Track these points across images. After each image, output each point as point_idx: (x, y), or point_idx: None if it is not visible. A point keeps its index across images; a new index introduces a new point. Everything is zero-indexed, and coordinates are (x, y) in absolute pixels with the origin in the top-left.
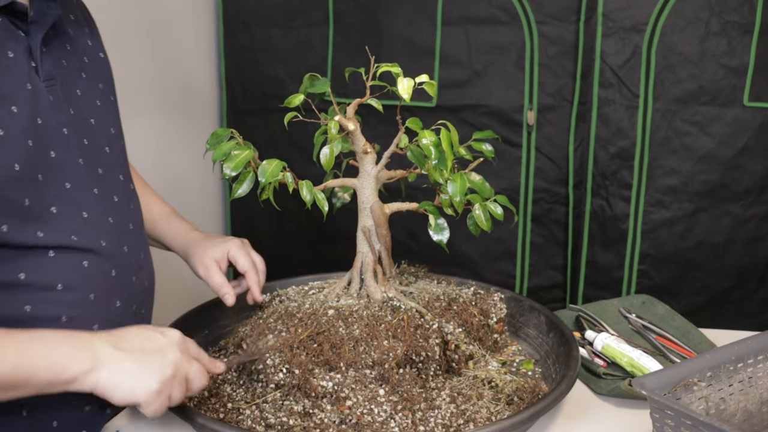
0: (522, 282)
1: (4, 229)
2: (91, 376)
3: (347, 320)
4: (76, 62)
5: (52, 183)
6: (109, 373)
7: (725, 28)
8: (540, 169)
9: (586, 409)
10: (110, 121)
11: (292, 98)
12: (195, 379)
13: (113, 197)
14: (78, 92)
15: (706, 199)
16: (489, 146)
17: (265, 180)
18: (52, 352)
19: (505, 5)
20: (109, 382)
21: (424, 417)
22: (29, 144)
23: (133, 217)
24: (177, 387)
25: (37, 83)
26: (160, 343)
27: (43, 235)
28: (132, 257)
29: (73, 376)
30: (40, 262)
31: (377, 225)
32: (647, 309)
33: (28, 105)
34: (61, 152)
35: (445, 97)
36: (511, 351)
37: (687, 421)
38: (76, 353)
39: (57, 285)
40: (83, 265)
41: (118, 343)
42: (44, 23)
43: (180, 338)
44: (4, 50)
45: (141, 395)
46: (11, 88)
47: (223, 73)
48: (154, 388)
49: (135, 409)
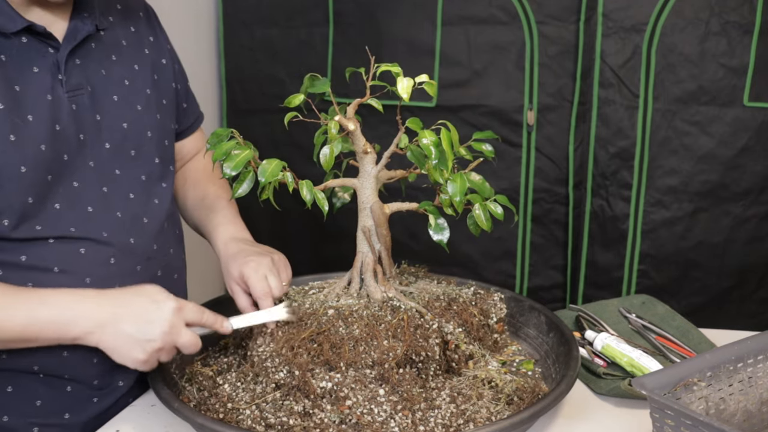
0: (522, 282)
1: (5, 224)
2: (93, 336)
3: (347, 320)
4: (120, 71)
5: (61, 183)
6: (107, 337)
7: (725, 28)
8: (540, 169)
9: (586, 409)
10: (149, 125)
11: (293, 98)
12: (187, 345)
13: (129, 194)
14: (115, 98)
15: (706, 199)
16: (489, 146)
17: (265, 180)
18: (60, 314)
19: (505, 5)
20: (108, 346)
21: (424, 417)
22: (41, 149)
23: (151, 212)
24: (165, 353)
25: (59, 94)
26: (152, 315)
27: (41, 229)
28: (139, 248)
29: (76, 335)
30: (40, 247)
31: (377, 225)
32: (647, 309)
33: (47, 114)
34: (74, 155)
35: (445, 97)
36: (511, 351)
37: (687, 420)
38: (80, 316)
39: (54, 268)
40: (80, 252)
41: (117, 311)
42: (74, 39)
43: (173, 311)
44: (30, 66)
45: (130, 363)
46: (31, 100)
47: (223, 73)
48: (140, 358)
49: (135, 409)
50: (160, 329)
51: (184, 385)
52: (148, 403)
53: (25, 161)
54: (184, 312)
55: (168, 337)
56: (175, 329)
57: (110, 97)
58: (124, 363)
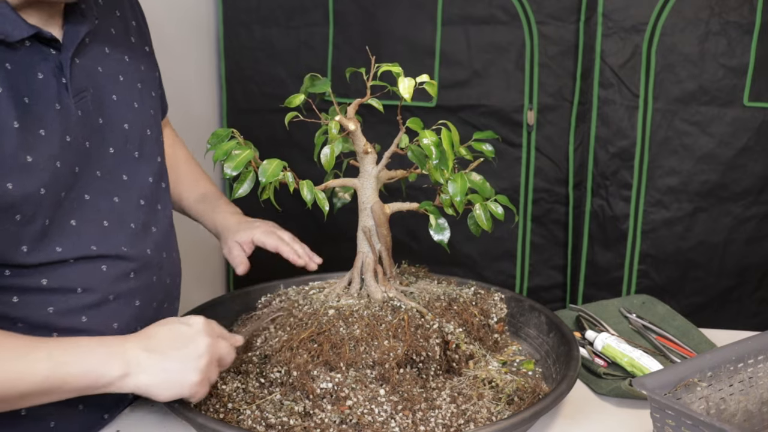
0: (522, 282)
1: (24, 250)
2: (129, 381)
3: (347, 320)
4: (115, 65)
5: (74, 198)
6: (148, 376)
7: (725, 28)
8: (540, 169)
9: (586, 409)
10: (147, 122)
11: (293, 98)
12: (226, 356)
13: (139, 201)
14: (114, 98)
15: (706, 199)
16: (489, 146)
17: (265, 180)
18: (84, 361)
19: (505, 5)
20: (151, 384)
21: (425, 417)
22: (57, 165)
23: (158, 219)
24: (213, 370)
25: (66, 101)
26: (188, 334)
27: (61, 250)
28: (154, 259)
29: (107, 382)
30: (61, 269)
31: (378, 225)
32: (647, 309)
33: (58, 125)
34: (83, 167)
35: (445, 97)
36: (512, 351)
37: (687, 420)
38: (108, 360)
39: (77, 289)
40: (102, 269)
41: (148, 344)
42: (76, 35)
43: (204, 323)
44: (33, 72)
45: (187, 390)
46: (41, 112)
47: (223, 73)
48: (195, 380)
49: (135, 409)
50: (204, 343)
51: None
52: (148, 403)
53: (44, 182)
54: (212, 324)
55: (212, 349)
56: (214, 338)
57: (110, 97)
58: (178, 394)
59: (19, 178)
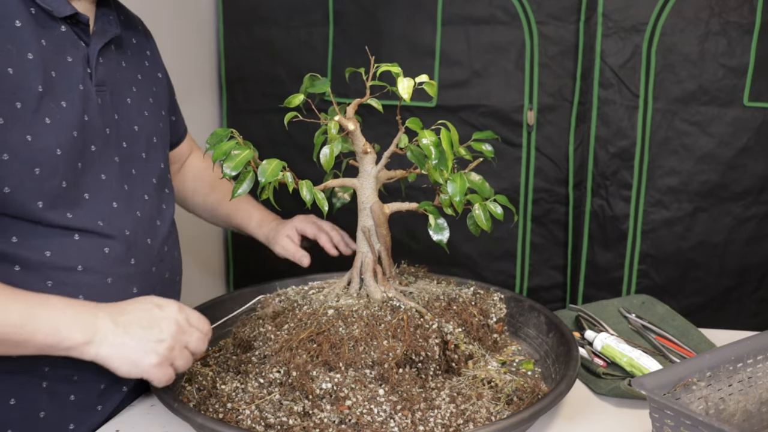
0: (522, 282)
1: (39, 206)
2: (91, 348)
3: (347, 320)
4: (129, 77)
5: (90, 173)
6: (108, 348)
7: (725, 28)
8: (540, 169)
9: (585, 409)
10: (154, 131)
11: (292, 98)
12: (195, 346)
13: (144, 195)
14: (128, 101)
15: (706, 199)
16: (489, 146)
17: (265, 180)
18: (54, 319)
19: (505, 5)
20: (110, 356)
21: (424, 417)
22: (74, 135)
23: (162, 215)
24: (178, 356)
25: (89, 86)
26: (157, 316)
27: (72, 217)
28: (154, 250)
29: (70, 345)
30: (65, 243)
31: (377, 225)
32: (647, 309)
33: (78, 103)
34: (101, 148)
35: (445, 97)
36: (511, 351)
37: (686, 420)
38: (76, 324)
39: (77, 266)
40: (104, 251)
41: (118, 317)
42: (103, 37)
43: (177, 310)
44: (65, 55)
45: (143, 370)
46: (65, 87)
47: (223, 73)
48: (153, 362)
49: (135, 409)
50: (168, 328)
51: (183, 385)
52: (147, 403)
53: (60, 145)
54: (188, 312)
55: (178, 336)
56: (183, 327)
57: (125, 99)
58: (134, 372)
59: (37, 134)
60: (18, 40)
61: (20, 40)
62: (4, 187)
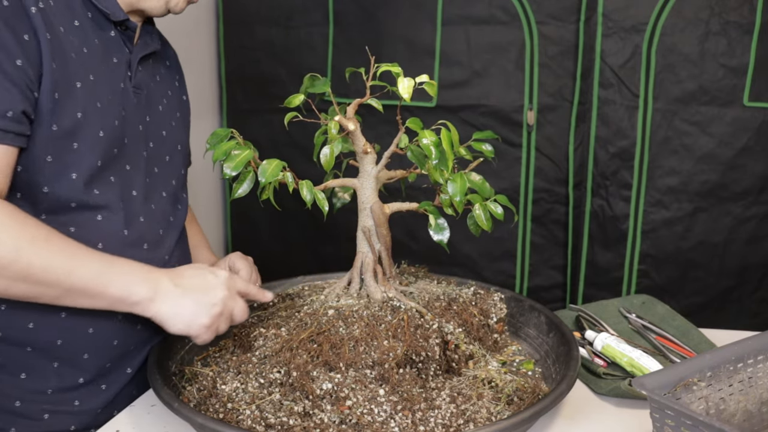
0: (522, 282)
1: (73, 177)
2: (153, 305)
3: (347, 320)
4: (162, 90)
5: (119, 160)
6: (168, 306)
7: (725, 28)
8: (540, 169)
9: (586, 409)
10: (179, 140)
11: (293, 98)
12: (238, 314)
13: (162, 192)
14: (160, 108)
15: (706, 199)
16: (489, 146)
17: (265, 180)
18: (126, 275)
19: (505, 5)
20: (168, 314)
21: (424, 417)
22: (115, 123)
23: (176, 214)
24: (223, 321)
25: (128, 86)
26: (212, 282)
27: (98, 193)
28: (165, 243)
29: (137, 300)
30: (89, 222)
31: (377, 225)
32: (647, 309)
33: (120, 98)
34: (132, 142)
35: (445, 97)
36: (511, 351)
37: (687, 420)
38: (144, 282)
39: (98, 244)
40: (123, 233)
41: (177, 279)
42: (145, 48)
43: (228, 278)
44: (112, 56)
45: (194, 329)
46: (111, 83)
47: (223, 73)
48: (205, 323)
49: (135, 409)
50: (221, 294)
51: (184, 385)
52: (148, 403)
53: (104, 128)
54: (236, 280)
55: (228, 301)
56: (232, 294)
57: (157, 106)
58: (185, 330)
59: (86, 113)
60: (77, 36)
61: (78, 35)
62: (47, 156)
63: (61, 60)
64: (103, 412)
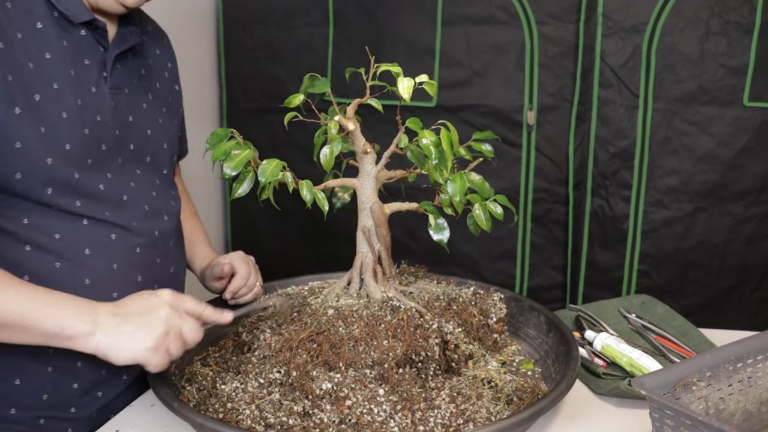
0: (522, 282)
1: (48, 192)
2: (92, 339)
3: (347, 320)
4: (148, 85)
5: (99, 170)
6: (108, 337)
7: (725, 28)
8: (540, 169)
9: (585, 409)
10: (165, 138)
11: (292, 98)
12: (189, 333)
13: (152, 192)
14: (144, 105)
15: (706, 199)
16: (489, 146)
17: (265, 180)
18: (59, 308)
19: (505, 5)
20: (109, 345)
21: (424, 417)
22: (85, 132)
23: (170, 211)
24: (173, 342)
25: (102, 90)
26: (152, 302)
27: (80, 205)
28: (160, 243)
29: (73, 334)
30: (74, 227)
31: (377, 225)
32: (647, 309)
33: (93, 102)
34: (110, 147)
35: (445, 97)
36: (511, 351)
37: (686, 420)
38: (79, 315)
39: (85, 249)
40: (111, 237)
41: (116, 309)
42: (122, 45)
43: (171, 297)
44: (83, 58)
45: (140, 354)
46: (80, 87)
47: (223, 73)
48: (149, 345)
49: (134, 409)
50: (163, 312)
51: (183, 385)
52: (147, 403)
53: (71, 139)
54: (182, 299)
55: (173, 320)
56: (176, 313)
57: (141, 104)
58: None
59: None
60: (38, 41)
61: (40, 40)
62: (16, 173)
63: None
64: (99, 416)
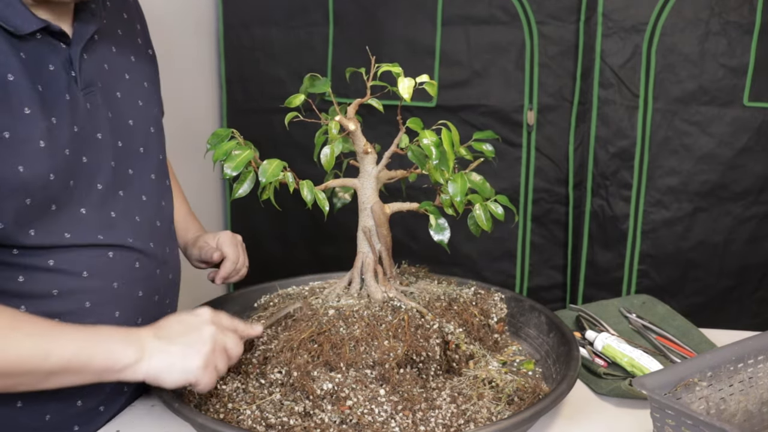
0: (522, 282)
1: (32, 234)
2: (141, 365)
3: (348, 320)
4: (121, 63)
5: (83, 186)
6: (157, 360)
7: (725, 28)
8: (540, 169)
9: (586, 409)
10: (150, 121)
11: (293, 98)
12: (232, 347)
13: (141, 197)
14: (118, 95)
15: (706, 199)
16: (489, 146)
17: (265, 180)
18: (107, 343)
19: (505, 5)
20: (160, 368)
21: (425, 417)
22: (66, 153)
23: (162, 214)
24: (219, 358)
25: (75, 93)
26: (194, 323)
27: (70, 236)
28: (158, 252)
29: (125, 365)
30: (68, 253)
31: (378, 225)
32: (647, 309)
33: (67, 115)
34: (94, 157)
35: (445, 97)
36: (512, 351)
37: (688, 420)
38: (128, 344)
39: (83, 272)
40: (108, 256)
41: (158, 332)
42: (85, 33)
43: (211, 314)
44: (46, 64)
45: (190, 374)
46: (52, 100)
47: (223, 73)
48: (199, 364)
49: (135, 409)
50: (208, 330)
51: None
52: (148, 404)
53: (54, 168)
54: (221, 317)
55: (218, 336)
56: (219, 330)
57: (115, 94)
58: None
59: (30, 162)
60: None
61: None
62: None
63: None
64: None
